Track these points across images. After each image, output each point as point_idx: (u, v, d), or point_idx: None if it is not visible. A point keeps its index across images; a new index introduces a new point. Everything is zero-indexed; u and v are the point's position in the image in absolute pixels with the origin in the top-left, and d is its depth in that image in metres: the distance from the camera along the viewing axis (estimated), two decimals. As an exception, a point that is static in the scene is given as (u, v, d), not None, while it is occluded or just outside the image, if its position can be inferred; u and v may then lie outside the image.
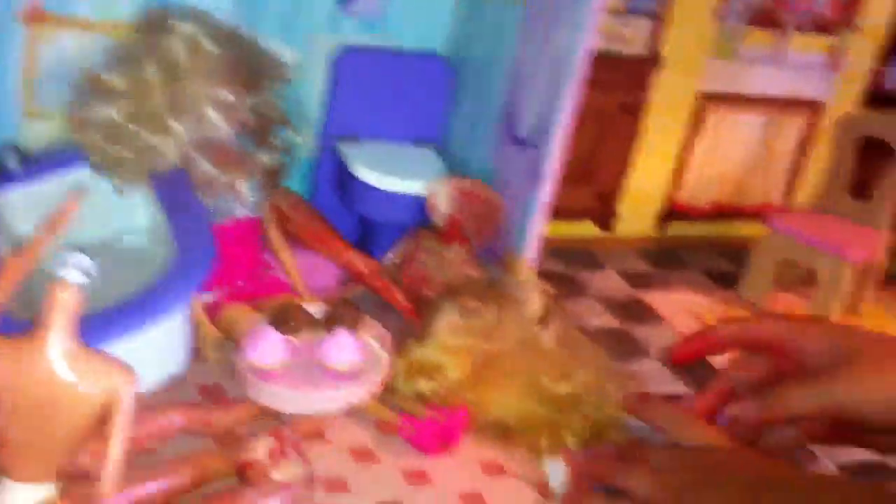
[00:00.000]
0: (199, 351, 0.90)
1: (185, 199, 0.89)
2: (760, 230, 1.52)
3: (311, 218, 1.07)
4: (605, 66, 1.43)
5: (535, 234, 1.03)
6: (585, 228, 1.47)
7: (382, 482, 0.81)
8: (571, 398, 0.91)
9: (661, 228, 1.55)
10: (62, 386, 0.58)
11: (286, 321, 0.91)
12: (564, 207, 1.46)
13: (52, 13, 0.95)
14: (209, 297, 0.93)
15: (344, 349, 0.88)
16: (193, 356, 0.89)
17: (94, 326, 0.70)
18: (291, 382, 0.85)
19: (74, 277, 0.58)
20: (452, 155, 1.19)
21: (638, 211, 1.52)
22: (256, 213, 0.99)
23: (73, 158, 0.91)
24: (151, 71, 0.90)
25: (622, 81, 1.50)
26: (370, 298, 1.04)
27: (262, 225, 1.01)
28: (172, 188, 0.90)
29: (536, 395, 0.90)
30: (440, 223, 1.08)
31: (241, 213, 0.96)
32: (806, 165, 1.80)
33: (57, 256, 0.59)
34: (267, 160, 1.00)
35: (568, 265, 1.35)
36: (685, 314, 1.27)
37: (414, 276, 1.06)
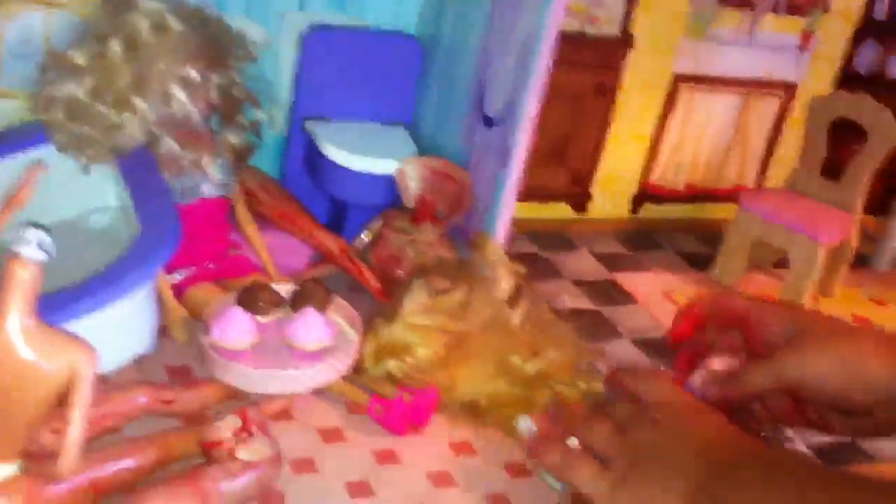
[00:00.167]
0: (166, 331, 0.90)
1: (149, 177, 0.88)
2: (734, 212, 1.53)
3: (280, 198, 1.06)
4: (577, 46, 1.43)
5: (504, 213, 1.03)
6: (559, 210, 1.47)
7: (351, 462, 0.80)
8: (541, 376, 0.91)
9: (634, 210, 1.55)
10: (20, 363, 0.58)
11: (254, 301, 0.90)
12: (538, 189, 1.46)
13: (15, -10, 0.94)
14: (177, 276, 0.92)
15: (312, 329, 0.88)
16: (161, 336, 0.88)
17: (56, 304, 0.70)
18: (259, 362, 0.84)
19: (32, 254, 0.57)
20: (423, 135, 1.18)
21: (612, 192, 1.53)
22: (225, 192, 0.98)
23: (37, 137, 0.90)
24: (116, 49, 0.88)
25: (595, 62, 1.50)
26: (340, 279, 1.04)
27: (230, 204, 1.00)
28: (137, 167, 0.89)
29: (506, 373, 0.90)
30: (410, 203, 1.07)
31: (208, 192, 0.96)
32: (779, 146, 1.81)
33: (15, 233, 0.58)
34: (234, 139, 0.99)
35: (541, 246, 1.35)
36: (658, 295, 1.28)
37: (384, 256, 1.06)
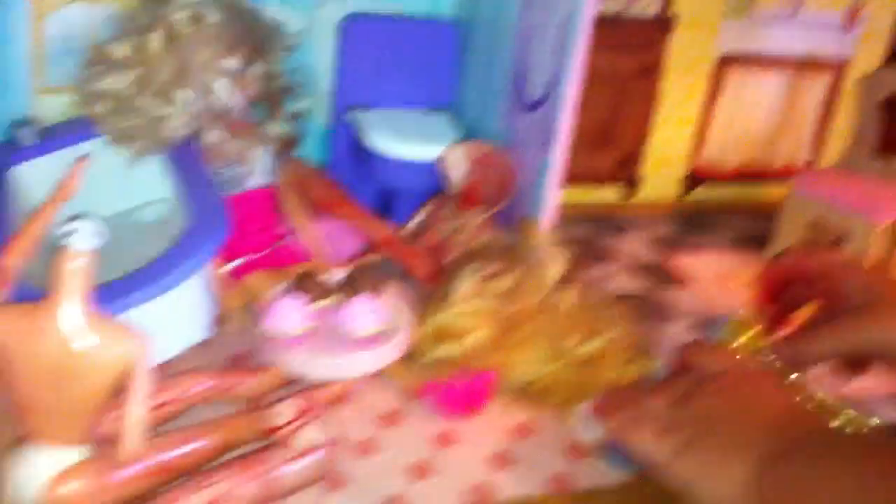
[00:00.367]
0: (222, 319, 0.90)
1: (197, 168, 0.88)
2: (787, 192, 1.49)
3: (327, 187, 1.06)
4: (618, 29, 1.41)
5: (550, 197, 1.02)
6: (608, 194, 1.45)
7: (408, 445, 0.80)
8: (594, 359, 0.90)
9: (685, 192, 1.53)
10: (75, 353, 0.58)
11: (306, 289, 0.90)
12: (586, 173, 1.44)
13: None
14: (230, 266, 0.93)
15: (364, 315, 0.87)
16: (217, 325, 0.89)
17: (109, 295, 0.70)
18: (313, 349, 0.84)
19: (82, 245, 0.58)
20: (466, 120, 1.17)
21: (661, 175, 1.50)
22: (272, 182, 0.98)
23: (86, 131, 0.91)
24: (156, 41, 0.89)
25: (637, 44, 1.47)
26: (389, 265, 1.04)
27: (279, 194, 1.00)
28: (184, 158, 0.89)
29: (559, 357, 0.89)
30: (456, 189, 1.06)
31: (256, 182, 0.96)
32: (831, 125, 1.77)
33: (66, 224, 0.58)
34: (278, 130, 1.00)
35: (591, 230, 1.34)
36: (711, 278, 1.25)
37: (432, 242, 1.05)
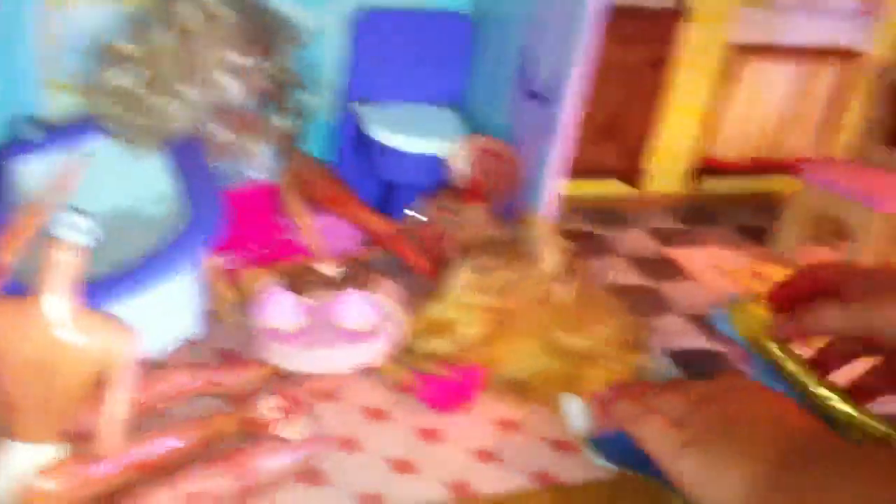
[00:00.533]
0: (215, 314, 0.92)
1: (196, 164, 0.89)
2: (793, 184, 1.49)
3: (329, 181, 1.07)
4: (630, 19, 1.41)
5: (553, 190, 1.02)
6: (613, 187, 1.45)
7: (395, 440, 0.82)
8: (590, 353, 0.91)
9: (691, 185, 1.53)
10: (61, 346, 0.59)
11: (302, 283, 0.92)
12: (591, 166, 1.44)
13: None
14: (225, 260, 0.94)
15: (357, 309, 0.89)
16: (209, 319, 0.91)
17: (100, 288, 0.72)
18: (305, 343, 0.86)
19: (74, 238, 0.59)
20: (472, 114, 1.18)
21: (667, 167, 1.50)
22: (274, 177, 0.99)
23: (90, 127, 0.92)
24: (164, 37, 0.90)
25: (649, 35, 1.47)
26: (389, 260, 1.05)
27: (279, 189, 1.01)
28: (185, 154, 0.91)
29: (553, 350, 0.90)
30: (459, 183, 1.07)
31: (257, 177, 0.97)
32: (842, 117, 1.75)
33: (58, 218, 0.59)
34: (283, 124, 1.01)
35: (595, 224, 1.34)
36: (715, 271, 1.26)
37: (433, 236, 1.06)
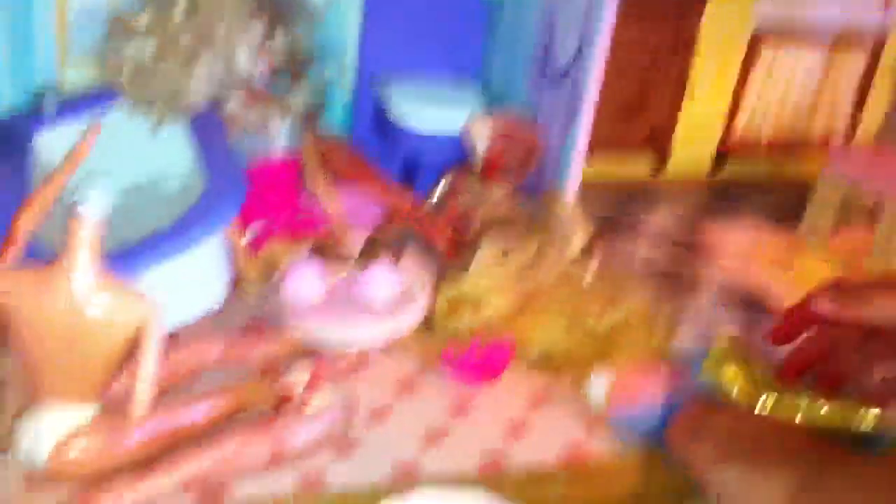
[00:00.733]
0: (239, 286, 0.91)
1: (217, 137, 0.88)
2: (820, 167, 1.47)
3: (349, 156, 1.06)
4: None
5: (574, 168, 1.01)
6: (637, 167, 1.43)
7: (423, 413, 0.80)
8: (615, 330, 0.89)
9: (716, 167, 1.51)
10: (86, 316, 0.59)
11: (325, 257, 0.90)
12: (614, 146, 1.42)
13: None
14: (250, 233, 0.93)
15: (383, 283, 0.87)
16: (234, 291, 0.89)
17: (122, 260, 0.71)
18: (331, 316, 0.84)
19: (96, 209, 0.58)
20: (492, 90, 1.16)
21: (692, 149, 1.48)
22: (295, 152, 0.98)
23: (107, 100, 0.91)
24: (179, 10, 0.89)
25: (671, 14, 1.45)
26: (410, 236, 1.03)
27: (301, 163, 1.00)
28: (205, 128, 0.89)
29: (578, 329, 0.88)
30: (479, 160, 1.06)
31: (279, 152, 0.96)
32: (868, 100, 1.73)
33: (79, 190, 0.59)
34: (301, 99, 0.99)
35: (618, 204, 1.32)
36: (740, 254, 1.24)
37: (454, 213, 1.05)
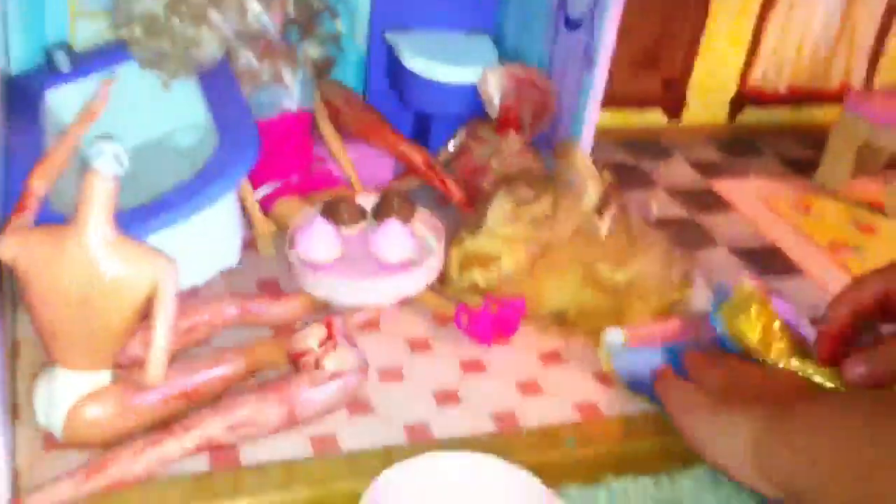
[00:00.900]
0: (253, 245, 0.91)
1: (229, 92, 0.87)
2: (839, 114, 1.45)
3: (363, 110, 1.05)
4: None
5: (590, 120, 0.99)
6: (652, 117, 1.42)
7: (437, 371, 0.81)
8: (630, 285, 0.89)
9: (733, 114, 1.49)
10: (102, 276, 0.59)
11: (338, 213, 0.90)
12: (629, 95, 1.41)
13: None
14: (262, 191, 0.93)
15: (396, 240, 0.87)
16: (248, 250, 0.90)
17: (135, 218, 0.71)
18: (344, 274, 0.85)
19: (107, 167, 0.58)
20: (506, 41, 1.14)
21: (708, 97, 1.46)
22: (307, 106, 0.97)
23: (119, 55, 0.91)
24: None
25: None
26: (424, 191, 1.03)
27: (313, 118, 0.99)
28: (217, 82, 0.89)
29: (594, 283, 0.88)
30: (494, 112, 1.05)
31: (290, 106, 0.95)
32: (889, 42, 1.70)
33: (91, 147, 0.58)
34: (314, 52, 0.98)
35: (634, 154, 1.31)
36: (758, 202, 1.23)
37: (468, 167, 1.04)
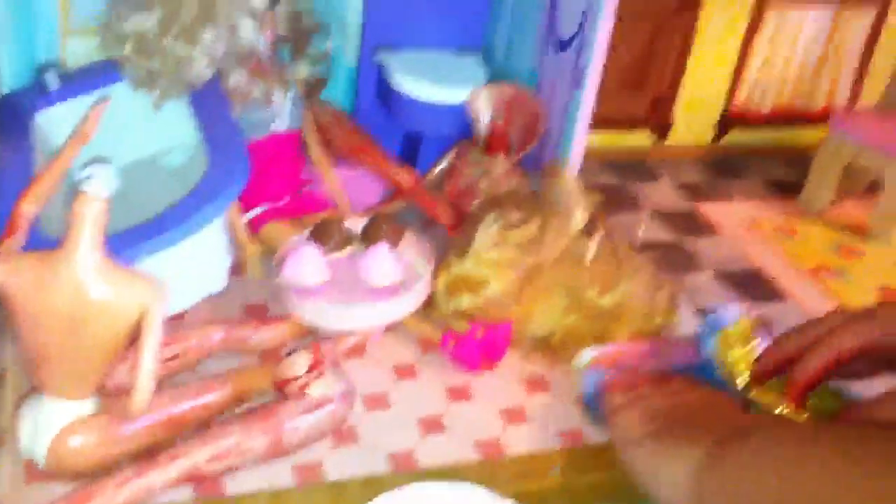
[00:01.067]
0: (240, 269, 0.91)
1: (219, 112, 0.87)
2: (823, 135, 1.46)
3: (352, 131, 1.05)
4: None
5: (578, 141, 1.00)
6: (638, 138, 1.42)
7: (423, 398, 0.81)
8: (616, 310, 0.89)
9: (718, 136, 1.50)
10: (90, 301, 0.58)
11: (326, 237, 0.90)
12: (616, 117, 1.41)
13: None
14: (250, 214, 0.93)
15: (384, 264, 0.87)
16: (235, 274, 0.89)
17: (124, 242, 0.70)
18: (331, 298, 0.85)
19: (100, 190, 0.58)
20: (496, 61, 1.15)
21: (694, 118, 1.47)
22: (296, 126, 0.97)
23: (110, 74, 0.90)
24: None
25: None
26: (413, 213, 1.03)
27: (302, 139, 0.99)
28: (208, 102, 0.88)
29: (581, 307, 0.88)
30: (483, 133, 1.05)
31: (280, 126, 0.95)
32: (873, 64, 1.71)
33: (81, 170, 0.58)
34: (305, 71, 0.99)
35: (620, 176, 1.32)
36: (743, 225, 1.23)
37: (457, 189, 1.04)
